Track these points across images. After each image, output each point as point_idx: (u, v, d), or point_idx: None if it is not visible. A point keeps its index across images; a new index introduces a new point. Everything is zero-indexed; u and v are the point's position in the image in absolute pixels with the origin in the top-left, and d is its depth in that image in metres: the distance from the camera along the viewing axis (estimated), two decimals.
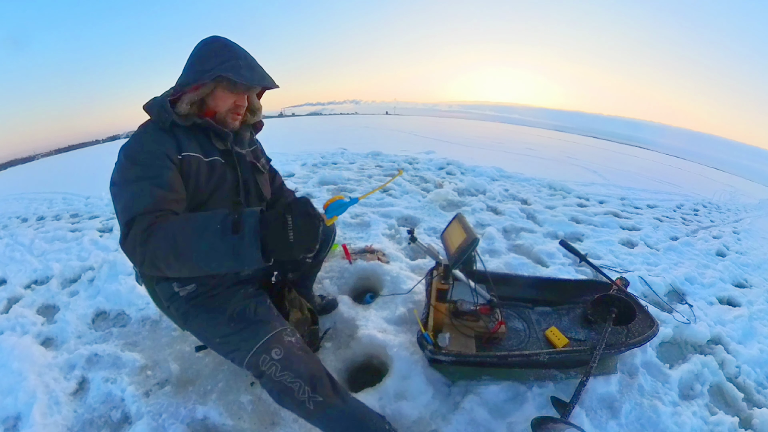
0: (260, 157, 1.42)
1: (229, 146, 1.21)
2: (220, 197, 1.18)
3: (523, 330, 1.73)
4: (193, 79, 1.09)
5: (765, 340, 2.21)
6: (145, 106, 1.14)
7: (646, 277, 2.57)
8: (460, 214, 1.66)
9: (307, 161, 6.10)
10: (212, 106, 1.15)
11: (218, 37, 1.13)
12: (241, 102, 1.18)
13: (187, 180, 1.09)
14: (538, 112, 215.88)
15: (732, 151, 55.68)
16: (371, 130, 15.18)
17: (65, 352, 1.70)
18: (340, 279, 2.15)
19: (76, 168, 9.43)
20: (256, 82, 1.12)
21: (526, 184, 5.53)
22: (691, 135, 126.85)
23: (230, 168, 1.21)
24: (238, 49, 1.11)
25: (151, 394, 1.47)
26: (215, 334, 1.16)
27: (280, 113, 74.41)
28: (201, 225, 0.87)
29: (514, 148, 11.63)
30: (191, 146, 1.12)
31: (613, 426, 1.41)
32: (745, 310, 2.49)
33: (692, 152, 30.16)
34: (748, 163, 31.59)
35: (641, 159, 14.98)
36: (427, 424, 1.36)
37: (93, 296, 2.10)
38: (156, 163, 1.03)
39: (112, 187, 1.02)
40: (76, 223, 3.69)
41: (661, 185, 8.17)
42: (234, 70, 1.07)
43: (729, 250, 3.92)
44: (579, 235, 3.53)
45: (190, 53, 1.13)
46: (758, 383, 1.86)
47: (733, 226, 5.40)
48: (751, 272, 3.40)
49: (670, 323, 2.11)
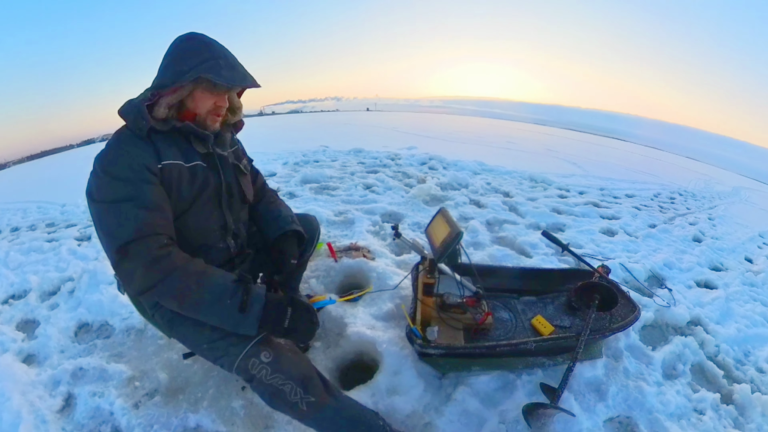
0: (242, 157, 1.39)
1: (210, 149, 1.18)
2: (204, 202, 1.16)
3: (510, 320, 1.76)
4: (171, 80, 1.04)
5: (741, 319, 2.30)
6: (120, 111, 1.08)
7: (627, 264, 2.63)
8: (444, 208, 1.67)
9: (288, 160, 6.02)
10: (191, 108, 1.11)
11: (195, 33, 1.09)
12: (222, 103, 1.14)
13: (168, 190, 1.07)
14: (518, 106, 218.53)
15: (705, 142, 57.35)
16: (352, 126, 15.09)
17: (49, 368, 1.63)
18: (326, 278, 2.14)
19: (50, 175, 9.10)
20: (238, 82, 1.08)
21: (507, 177, 5.59)
22: (666, 126, 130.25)
23: (213, 171, 1.18)
24: (218, 47, 1.07)
25: (140, 406, 1.43)
26: (202, 340, 1.12)
27: (260, 112, 73.46)
28: (211, 295, 0.98)
29: (495, 141, 11.72)
30: (171, 153, 1.08)
31: (601, 408, 1.45)
32: (722, 292, 2.59)
33: (668, 143, 30.96)
34: (720, 153, 32.62)
35: (619, 150, 15.28)
36: (421, 417, 1.37)
37: (74, 308, 2.03)
38: (137, 178, 0.99)
39: (92, 204, 0.99)
40: (53, 232, 3.57)
41: (639, 175, 8.35)
42: (214, 70, 1.03)
43: (705, 236, 4.06)
44: (561, 226, 3.60)
45: (166, 52, 1.08)
46: (737, 360, 1.94)
47: (708, 212, 5.57)
48: (726, 256, 3.54)
49: (651, 307, 2.17)
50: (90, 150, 13.24)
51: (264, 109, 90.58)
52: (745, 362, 1.95)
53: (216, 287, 0.98)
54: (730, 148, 44.95)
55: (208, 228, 1.20)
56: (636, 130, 63.16)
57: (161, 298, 1.00)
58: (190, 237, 1.14)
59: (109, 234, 0.97)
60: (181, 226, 1.11)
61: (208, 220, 1.19)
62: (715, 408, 1.59)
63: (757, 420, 1.56)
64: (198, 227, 1.16)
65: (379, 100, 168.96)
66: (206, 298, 0.97)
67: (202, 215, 1.16)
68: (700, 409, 1.57)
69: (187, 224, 1.12)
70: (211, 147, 1.18)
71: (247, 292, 0.99)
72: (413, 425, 1.34)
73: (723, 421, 1.54)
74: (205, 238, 1.19)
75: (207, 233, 1.19)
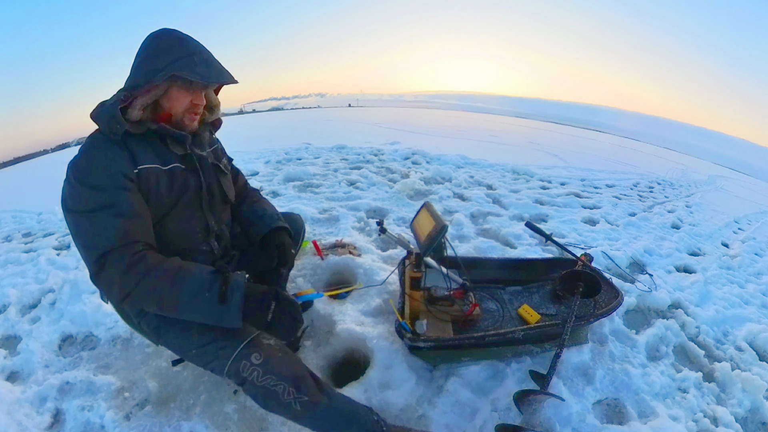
0: (221, 157, 1.36)
1: (188, 150, 1.15)
2: (184, 205, 1.14)
3: (497, 310, 1.79)
4: (144, 80, 1.00)
5: (720, 301, 2.39)
6: (92, 114, 1.04)
7: (609, 252, 2.70)
8: (428, 202, 1.68)
9: (270, 158, 5.93)
10: (167, 108, 1.08)
11: (168, 30, 1.04)
12: (199, 101, 1.10)
13: (146, 195, 1.04)
14: (500, 100, 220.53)
15: (682, 132, 58.84)
16: (335, 123, 14.97)
17: (34, 385, 1.57)
18: (313, 276, 2.12)
19: (25, 182, 8.77)
20: (214, 79, 1.05)
21: (490, 170, 5.63)
22: (644, 118, 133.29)
23: (192, 173, 1.16)
24: (192, 43, 1.04)
25: (132, 417, 1.40)
26: (191, 346, 1.10)
27: (240, 110, 72.35)
28: (189, 290, 0.95)
29: (478, 135, 11.79)
30: (147, 157, 1.05)
31: (589, 391, 1.49)
32: (701, 276, 2.69)
33: (645, 134, 31.70)
34: (696, 143, 33.61)
35: (599, 142, 15.57)
36: (414, 410, 1.38)
37: (56, 320, 1.97)
38: (112, 185, 0.96)
39: (68, 214, 0.97)
40: (30, 242, 3.45)
41: (618, 166, 8.54)
42: (189, 67, 0.99)
43: (683, 223, 4.19)
44: (543, 216, 3.65)
45: (138, 49, 1.04)
46: (717, 340, 2.02)
47: (686, 200, 5.76)
48: (703, 241, 3.66)
49: (634, 293, 2.23)
50: (65, 155, 12.83)
51: (244, 107, 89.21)
52: (725, 342, 2.03)
53: (192, 281, 0.96)
54: (706, 138, 46.39)
55: (190, 231, 1.18)
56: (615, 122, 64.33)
57: (141, 303, 0.98)
58: (172, 241, 1.12)
59: (87, 245, 0.95)
60: (162, 231, 1.09)
61: (190, 223, 1.17)
62: (698, 386, 1.65)
63: (737, 396, 1.63)
64: (179, 231, 1.14)
65: (363, 96, 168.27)
66: (184, 294, 0.95)
67: (183, 218, 1.14)
68: (684, 388, 1.63)
69: (168, 228, 1.11)
70: (189, 148, 1.15)
71: (226, 281, 0.97)
72: (407, 419, 1.35)
73: (706, 398, 1.61)
74: (188, 242, 1.17)
75: (189, 236, 1.17)
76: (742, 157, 29.05)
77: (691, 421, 1.45)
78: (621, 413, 1.47)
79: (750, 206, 6.96)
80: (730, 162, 20.18)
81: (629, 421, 1.41)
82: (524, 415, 1.31)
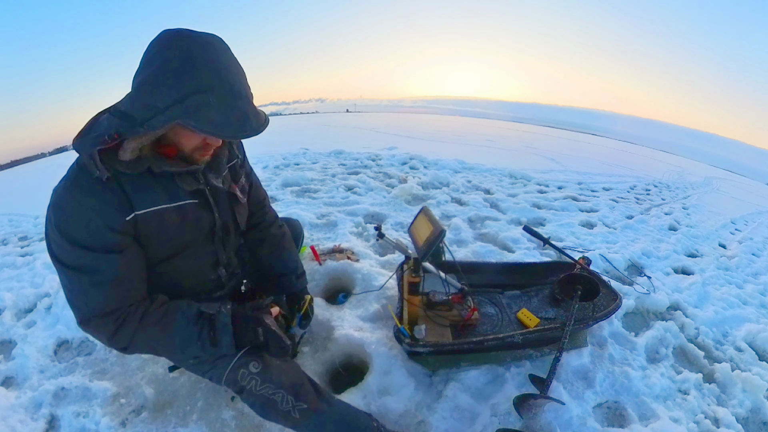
0: (239, 174, 1.17)
1: (200, 184, 0.99)
2: (196, 243, 1.04)
3: (496, 314, 1.78)
4: (140, 118, 0.76)
5: (718, 302, 2.40)
6: (74, 143, 0.82)
7: (607, 255, 2.69)
8: (426, 207, 1.68)
9: (268, 163, 5.91)
10: (173, 142, 0.88)
11: (183, 35, 0.75)
12: (214, 142, 0.91)
13: (147, 240, 0.92)
14: (496, 105, 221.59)
15: (677, 135, 59.28)
16: (333, 128, 14.99)
17: (29, 390, 1.56)
18: (311, 281, 2.10)
19: (21, 185, 8.73)
20: (230, 134, 0.79)
21: (488, 175, 5.63)
22: (639, 121, 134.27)
23: (205, 209, 1.02)
24: (210, 67, 0.74)
25: (128, 423, 1.39)
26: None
27: None
28: (180, 340, 0.93)
29: (475, 140, 11.82)
30: (148, 196, 0.88)
31: (589, 395, 1.48)
32: (698, 278, 2.69)
33: (641, 137, 31.92)
34: (692, 145, 33.88)
35: (595, 145, 15.61)
36: (414, 415, 1.37)
37: (52, 325, 1.96)
38: (95, 245, 0.83)
39: (52, 259, 0.86)
40: (26, 246, 3.43)
41: (615, 169, 8.57)
42: (199, 113, 0.74)
43: (680, 225, 4.20)
44: (541, 220, 3.65)
45: (142, 57, 0.77)
46: (716, 341, 2.02)
47: (683, 202, 5.78)
48: (701, 243, 3.67)
49: (632, 295, 2.23)
50: (63, 159, 12.80)
51: None
52: (724, 342, 2.03)
53: (181, 331, 0.93)
54: (701, 140, 46.81)
55: (200, 266, 1.09)
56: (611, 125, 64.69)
57: (136, 351, 0.95)
58: (178, 276, 1.04)
59: (71, 302, 0.89)
60: (168, 267, 1.00)
61: (200, 259, 1.08)
62: (698, 387, 1.65)
63: (738, 396, 1.63)
64: (187, 267, 1.05)
65: (362, 101, 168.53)
66: (177, 345, 0.94)
67: (192, 256, 1.04)
68: (684, 390, 1.63)
69: (175, 265, 1.01)
70: (201, 180, 0.99)
71: (212, 326, 0.95)
72: (407, 424, 1.34)
73: (706, 399, 1.61)
74: (196, 276, 1.09)
75: (198, 271, 1.09)
76: (737, 159, 29.34)
77: (692, 423, 1.45)
78: (622, 416, 1.46)
79: (746, 207, 7.00)
80: (726, 163, 20.36)
81: (630, 423, 1.41)
82: (524, 420, 1.31)
